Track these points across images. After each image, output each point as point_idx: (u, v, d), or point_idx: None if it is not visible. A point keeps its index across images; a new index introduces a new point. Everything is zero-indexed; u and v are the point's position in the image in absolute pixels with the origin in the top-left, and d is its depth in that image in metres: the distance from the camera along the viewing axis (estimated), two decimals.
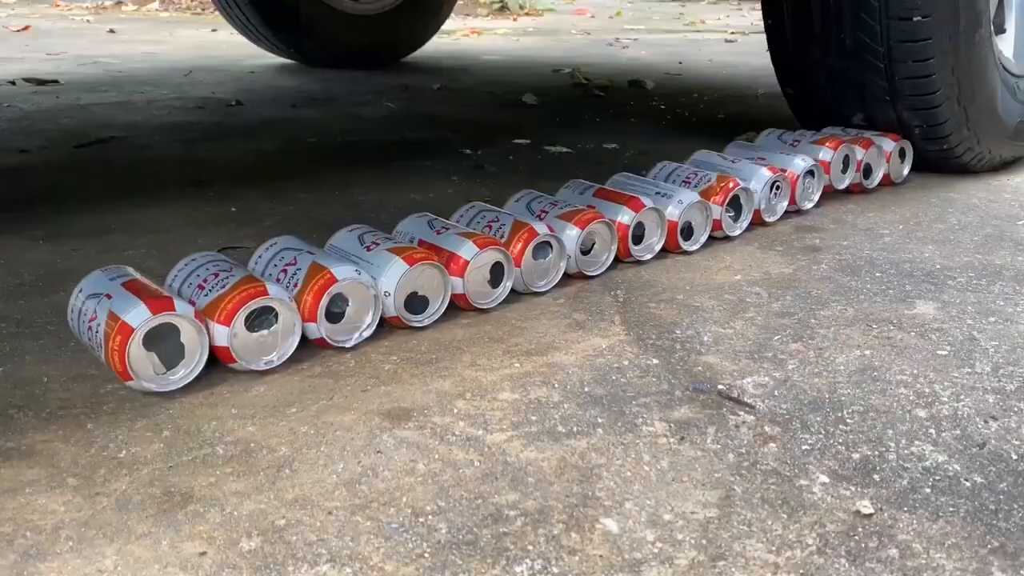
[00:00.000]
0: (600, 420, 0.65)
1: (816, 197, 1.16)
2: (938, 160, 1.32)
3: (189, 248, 1.01)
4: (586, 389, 0.70)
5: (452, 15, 2.88)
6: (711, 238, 1.03)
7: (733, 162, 1.12)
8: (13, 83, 2.16)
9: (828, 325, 0.82)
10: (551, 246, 0.88)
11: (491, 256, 0.83)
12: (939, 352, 0.77)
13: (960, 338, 0.79)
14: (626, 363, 0.74)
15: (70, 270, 0.94)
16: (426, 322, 0.80)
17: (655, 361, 0.75)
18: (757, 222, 1.09)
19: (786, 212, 1.12)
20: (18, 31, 3.41)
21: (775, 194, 1.10)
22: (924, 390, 0.70)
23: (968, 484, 0.58)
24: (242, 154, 1.51)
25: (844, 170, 1.22)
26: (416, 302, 0.79)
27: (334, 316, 0.75)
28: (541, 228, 0.87)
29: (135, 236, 1.06)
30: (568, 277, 0.91)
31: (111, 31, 3.55)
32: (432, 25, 2.70)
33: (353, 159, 1.48)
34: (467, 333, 0.80)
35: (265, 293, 0.71)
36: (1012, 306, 0.86)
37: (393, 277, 0.77)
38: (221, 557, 0.50)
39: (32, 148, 1.50)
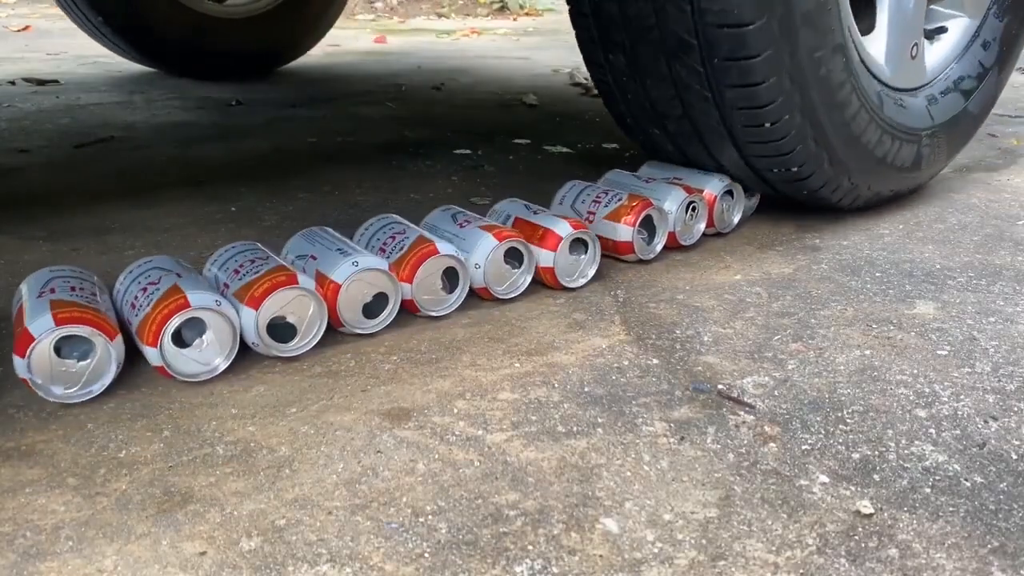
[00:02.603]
0: (600, 420, 0.65)
1: (736, 219, 1.07)
2: (811, 202, 1.10)
3: (189, 247, 1.01)
4: (586, 389, 0.70)
5: (452, 15, 2.84)
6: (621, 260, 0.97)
7: (647, 182, 1.04)
8: (13, 83, 2.16)
9: (828, 325, 0.82)
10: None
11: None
12: (939, 352, 0.77)
13: (960, 338, 0.79)
14: (626, 363, 0.74)
15: None
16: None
17: (655, 361, 0.75)
18: (672, 245, 1.00)
19: (705, 234, 1.04)
20: (18, 31, 3.41)
21: (691, 215, 1.01)
22: (924, 390, 0.70)
23: (968, 484, 0.58)
24: (242, 154, 1.51)
25: (752, 193, 1.12)
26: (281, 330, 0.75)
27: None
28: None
29: (135, 236, 1.06)
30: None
31: None
32: (319, 28, 2.48)
33: (353, 159, 1.48)
34: (467, 333, 0.80)
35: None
36: (1012, 306, 0.86)
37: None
38: (221, 557, 0.50)
39: (32, 148, 1.50)
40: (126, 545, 0.51)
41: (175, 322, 0.68)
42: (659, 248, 0.98)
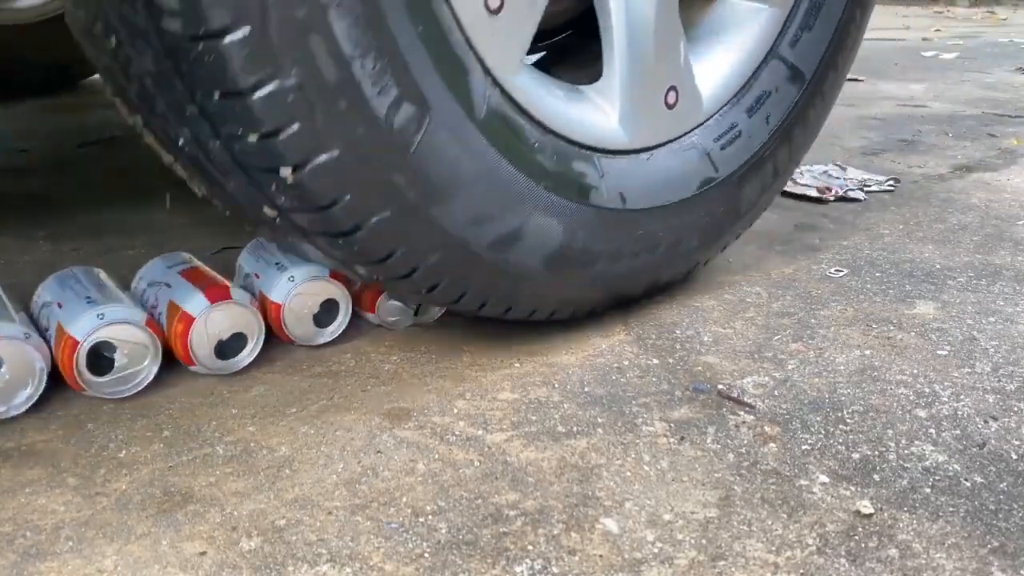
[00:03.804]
0: (600, 420, 0.65)
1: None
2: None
3: (189, 248, 1.01)
4: (586, 389, 0.70)
5: None
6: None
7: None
8: None
9: (828, 325, 0.82)
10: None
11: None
12: (939, 352, 0.77)
13: (960, 338, 0.79)
14: (626, 363, 0.74)
15: None
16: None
17: (655, 361, 0.75)
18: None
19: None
20: None
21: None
22: (924, 390, 0.70)
23: (968, 484, 0.58)
24: None
25: None
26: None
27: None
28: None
29: (134, 236, 1.06)
30: None
31: None
32: None
33: None
34: (467, 333, 0.80)
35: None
36: (1012, 306, 0.86)
37: None
38: (221, 557, 0.50)
39: (32, 148, 1.50)
40: (126, 545, 0.51)
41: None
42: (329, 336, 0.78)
